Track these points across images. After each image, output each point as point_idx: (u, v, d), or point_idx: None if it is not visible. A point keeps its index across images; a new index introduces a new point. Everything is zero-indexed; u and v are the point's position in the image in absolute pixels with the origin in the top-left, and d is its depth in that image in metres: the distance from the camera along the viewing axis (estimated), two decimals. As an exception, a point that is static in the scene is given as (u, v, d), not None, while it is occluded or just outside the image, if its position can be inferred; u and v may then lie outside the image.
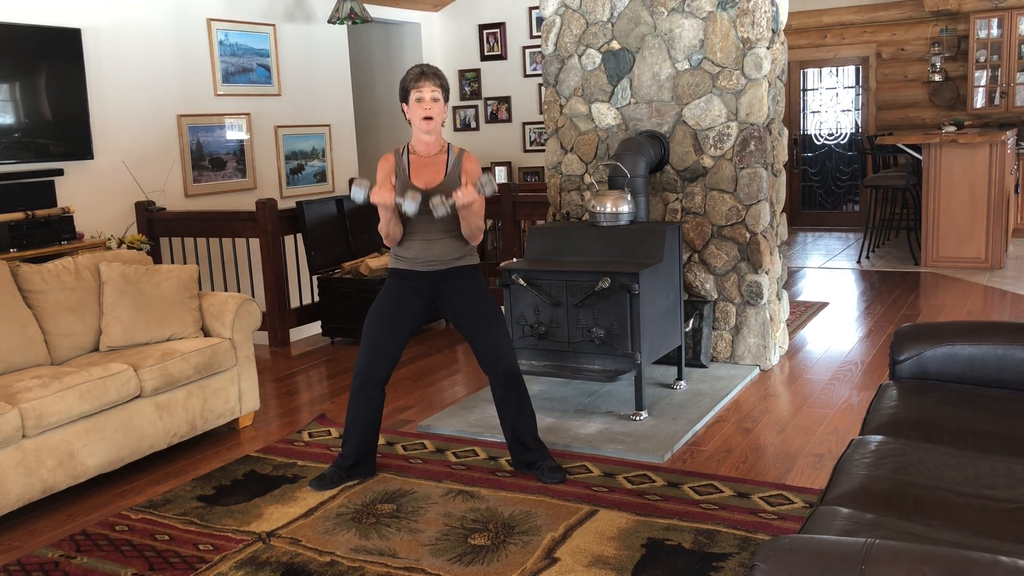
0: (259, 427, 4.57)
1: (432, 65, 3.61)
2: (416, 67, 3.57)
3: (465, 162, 3.63)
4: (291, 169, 7.81)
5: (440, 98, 3.55)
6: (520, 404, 3.68)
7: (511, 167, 9.58)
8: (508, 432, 3.72)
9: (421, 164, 3.62)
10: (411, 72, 3.55)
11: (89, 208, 6.07)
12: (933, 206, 7.89)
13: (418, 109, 3.52)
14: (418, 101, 3.52)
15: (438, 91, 3.54)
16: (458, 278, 3.67)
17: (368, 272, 6.18)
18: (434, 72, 3.55)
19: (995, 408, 2.74)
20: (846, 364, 5.16)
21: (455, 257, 3.66)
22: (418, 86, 3.51)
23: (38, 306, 4.13)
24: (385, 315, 3.66)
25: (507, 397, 3.66)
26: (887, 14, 9.99)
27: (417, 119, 3.55)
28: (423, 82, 3.51)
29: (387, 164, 3.63)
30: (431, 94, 3.52)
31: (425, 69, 3.54)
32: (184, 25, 6.81)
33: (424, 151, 3.63)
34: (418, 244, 3.64)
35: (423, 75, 3.52)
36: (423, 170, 3.61)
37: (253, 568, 3.05)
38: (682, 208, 5.09)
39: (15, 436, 3.44)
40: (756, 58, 4.79)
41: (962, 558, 1.45)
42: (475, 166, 3.64)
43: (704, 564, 2.92)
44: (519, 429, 3.69)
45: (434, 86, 3.52)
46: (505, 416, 3.70)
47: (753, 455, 3.88)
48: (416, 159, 3.63)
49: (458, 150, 3.67)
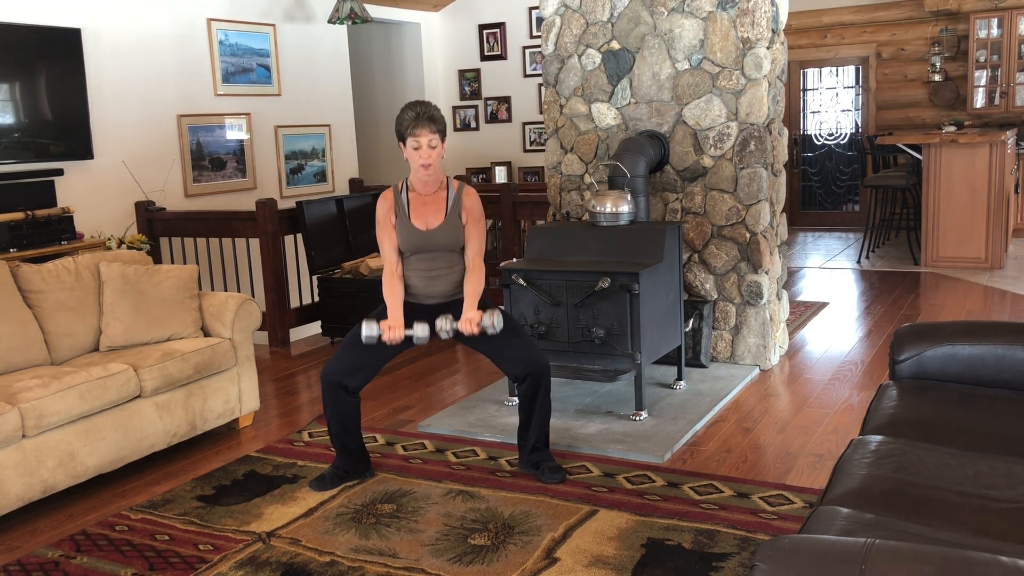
0: (259, 427, 4.57)
1: (426, 105, 3.48)
2: (411, 109, 3.46)
3: (465, 199, 3.59)
4: (291, 169, 7.81)
5: (438, 143, 3.47)
6: (544, 403, 3.66)
7: (511, 167, 9.58)
8: (524, 428, 3.70)
9: (421, 203, 3.58)
10: (406, 115, 3.45)
11: (89, 208, 6.07)
12: (933, 206, 7.89)
13: (416, 156, 3.46)
14: (415, 149, 3.45)
15: (435, 136, 3.46)
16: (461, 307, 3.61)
17: (368, 272, 6.18)
18: (430, 117, 3.44)
19: (995, 408, 2.74)
20: (846, 364, 5.16)
21: (457, 291, 3.65)
22: (415, 133, 3.43)
23: (38, 306, 4.13)
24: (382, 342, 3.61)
25: (535, 396, 3.62)
26: (887, 14, 9.99)
27: (415, 165, 3.50)
28: (420, 129, 3.42)
29: (386, 203, 3.59)
30: (428, 141, 3.44)
31: (420, 112, 3.44)
32: (184, 25, 6.81)
33: (423, 189, 3.59)
34: (419, 279, 3.62)
35: (418, 120, 3.42)
36: (423, 208, 3.58)
37: (253, 568, 3.05)
38: (682, 208, 5.10)
39: (15, 436, 3.44)
40: (756, 58, 4.79)
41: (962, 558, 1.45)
42: (474, 202, 3.60)
43: (704, 564, 2.92)
44: (537, 427, 3.67)
45: (431, 132, 3.44)
46: (527, 412, 3.65)
47: (753, 455, 3.88)
48: (415, 197, 3.59)
49: (457, 185, 3.62)
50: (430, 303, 3.64)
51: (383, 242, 3.60)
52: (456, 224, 3.56)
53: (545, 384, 3.62)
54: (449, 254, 3.59)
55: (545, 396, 3.64)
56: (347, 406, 3.61)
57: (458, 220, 3.57)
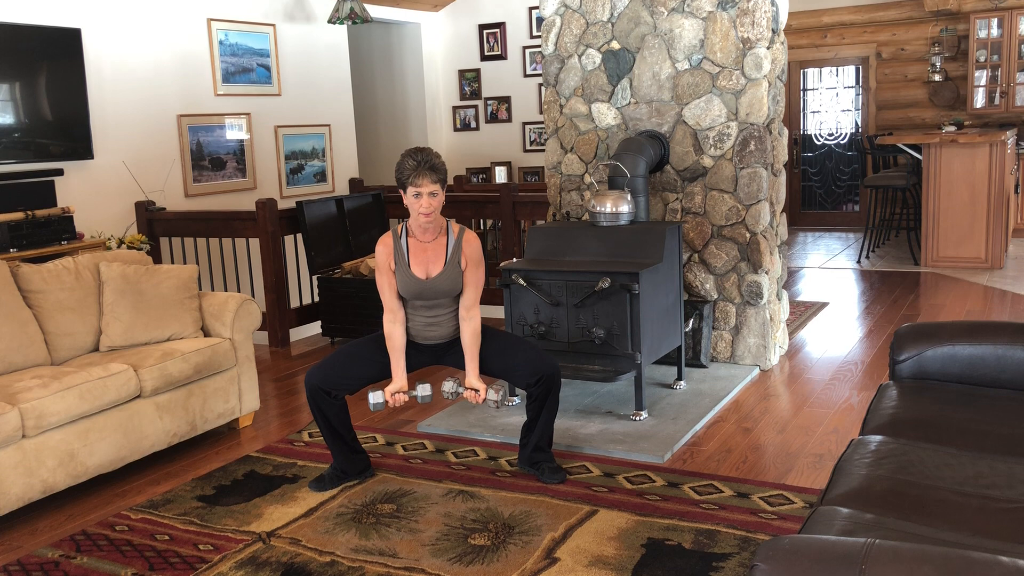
0: (259, 427, 4.56)
1: (427, 152, 3.45)
2: (411, 157, 3.43)
3: (465, 246, 3.57)
4: (291, 169, 7.81)
5: (438, 192, 3.45)
6: (553, 405, 3.67)
7: (511, 167, 9.58)
8: (528, 430, 3.71)
9: (420, 249, 3.57)
10: (407, 163, 3.42)
11: (89, 208, 6.07)
12: (933, 206, 7.89)
13: (416, 204, 3.45)
14: (416, 197, 3.44)
15: (436, 186, 3.43)
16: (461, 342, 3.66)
17: (368, 272, 6.18)
18: (431, 166, 3.41)
19: (995, 408, 2.74)
20: (846, 364, 5.16)
21: (457, 333, 3.66)
22: (416, 182, 3.41)
23: (38, 306, 4.13)
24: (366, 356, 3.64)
25: (547, 398, 3.63)
26: (887, 14, 9.99)
27: (415, 213, 3.48)
28: (421, 179, 3.40)
29: (386, 249, 3.57)
30: (429, 190, 3.43)
31: (421, 161, 3.41)
32: (184, 25, 6.81)
33: (423, 236, 3.57)
34: (420, 322, 3.63)
35: (419, 169, 3.40)
36: (422, 256, 3.57)
37: (253, 568, 3.05)
38: (682, 208, 5.10)
39: (15, 436, 3.44)
40: (756, 58, 4.79)
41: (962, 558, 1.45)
42: (474, 249, 3.59)
43: (704, 564, 2.92)
44: (542, 427, 3.68)
45: (432, 182, 3.41)
46: (534, 413, 3.66)
47: (753, 455, 3.88)
48: (415, 243, 3.57)
49: (458, 229, 3.60)
50: (430, 343, 3.67)
51: (383, 288, 3.58)
52: (455, 272, 3.56)
53: (557, 385, 3.63)
54: (449, 300, 3.61)
55: (555, 397, 3.65)
56: (331, 407, 3.61)
57: (457, 267, 3.56)
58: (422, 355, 3.70)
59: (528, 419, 3.71)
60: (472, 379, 3.60)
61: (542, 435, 3.70)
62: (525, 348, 3.68)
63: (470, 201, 6.76)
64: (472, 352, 3.59)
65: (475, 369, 3.60)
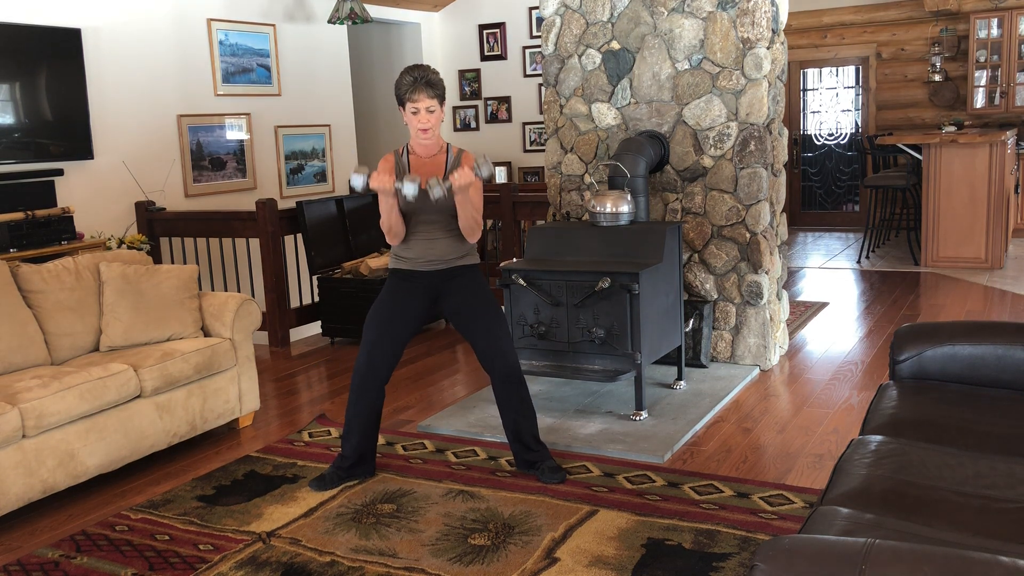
0: (259, 427, 4.56)
1: (425, 69, 3.50)
2: (409, 73, 3.48)
3: (464, 162, 3.62)
4: (291, 169, 7.81)
5: (436, 108, 3.50)
6: (521, 404, 3.68)
7: (511, 167, 9.58)
8: (509, 432, 3.73)
9: (420, 164, 3.63)
10: (404, 79, 3.48)
11: (89, 208, 6.07)
12: (933, 206, 7.89)
13: (414, 121, 3.50)
14: (414, 113, 3.48)
15: (434, 102, 3.49)
16: (459, 278, 3.68)
17: (368, 272, 6.18)
18: (427, 81, 3.46)
19: (995, 408, 2.74)
20: (846, 364, 5.16)
21: (456, 256, 3.67)
22: (413, 97, 3.46)
23: (38, 306, 4.13)
24: (385, 315, 3.67)
25: (508, 396, 3.66)
26: (887, 14, 9.99)
27: (414, 129, 3.54)
28: (418, 94, 3.45)
29: (387, 163, 3.63)
30: (426, 105, 3.47)
31: (418, 77, 3.46)
32: (184, 25, 6.81)
33: (423, 152, 3.64)
34: (419, 244, 3.64)
35: (416, 85, 3.45)
36: (422, 170, 3.62)
37: (253, 568, 3.05)
38: (682, 208, 5.09)
39: (15, 436, 3.44)
40: (756, 58, 4.79)
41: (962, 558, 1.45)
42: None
43: (704, 564, 2.92)
44: (520, 429, 3.70)
45: (429, 97, 3.46)
46: (506, 416, 3.70)
47: (753, 455, 3.88)
48: (416, 159, 3.65)
49: (457, 150, 3.67)
50: (430, 268, 3.66)
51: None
52: None
53: (514, 381, 3.65)
54: (448, 217, 3.60)
55: (520, 395, 3.67)
56: (378, 396, 3.66)
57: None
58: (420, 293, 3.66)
59: (504, 426, 3.74)
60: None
61: (528, 436, 3.71)
62: (501, 332, 3.67)
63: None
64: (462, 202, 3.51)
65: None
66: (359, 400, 3.67)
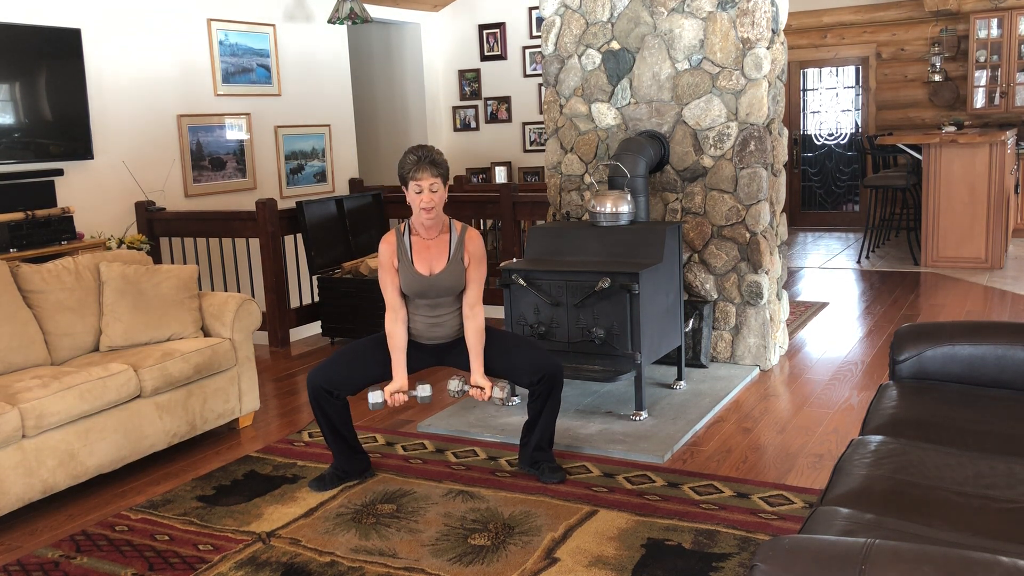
0: (259, 427, 4.56)
1: (428, 149, 3.49)
2: (413, 153, 3.47)
3: (467, 242, 3.59)
4: (291, 169, 7.81)
5: (439, 187, 3.48)
6: (555, 405, 3.67)
7: (511, 167, 9.58)
8: (529, 430, 3.71)
9: (423, 247, 3.59)
10: (408, 159, 3.46)
11: (89, 208, 6.07)
12: (933, 206, 7.89)
13: (417, 200, 3.48)
14: (417, 193, 3.46)
15: (437, 181, 3.46)
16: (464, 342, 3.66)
17: (368, 272, 6.18)
18: (431, 161, 3.45)
19: (995, 408, 2.74)
20: (846, 364, 5.16)
21: (460, 332, 3.67)
22: (416, 178, 3.44)
23: (38, 306, 4.13)
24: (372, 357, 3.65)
25: (550, 397, 3.64)
26: (887, 14, 9.99)
27: (416, 209, 3.51)
28: (421, 174, 3.43)
29: (389, 247, 3.59)
30: (430, 185, 3.45)
31: (422, 156, 3.45)
32: (184, 25, 6.81)
33: (426, 233, 3.60)
34: (423, 323, 3.64)
35: (420, 165, 3.43)
36: (425, 253, 3.58)
37: (253, 568, 3.05)
38: (682, 208, 5.09)
39: (15, 436, 3.44)
40: (756, 58, 4.79)
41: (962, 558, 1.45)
42: (477, 245, 3.61)
43: (704, 564, 2.92)
44: (544, 428, 3.68)
45: (433, 177, 3.45)
46: (537, 414, 3.67)
47: (753, 455, 3.88)
48: (418, 241, 3.60)
49: (460, 227, 3.63)
50: (433, 343, 3.68)
51: (386, 286, 3.59)
52: (459, 269, 3.57)
53: (559, 384, 3.64)
54: (452, 298, 3.61)
55: (557, 395, 3.66)
56: (333, 407, 3.62)
57: (460, 264, 3.58)
58: (424, 355, 3.71)
59: (529, 419, 3.72)
60: (477, 377, 3.60)
61: (543, 434, 3.70)
62: (527, 346, 3.69)
63: (470, 201, 6.76)
64: (477, 349, 3.59)
65: (480, 367, 3.60)
66: (320, 409, 3.62)
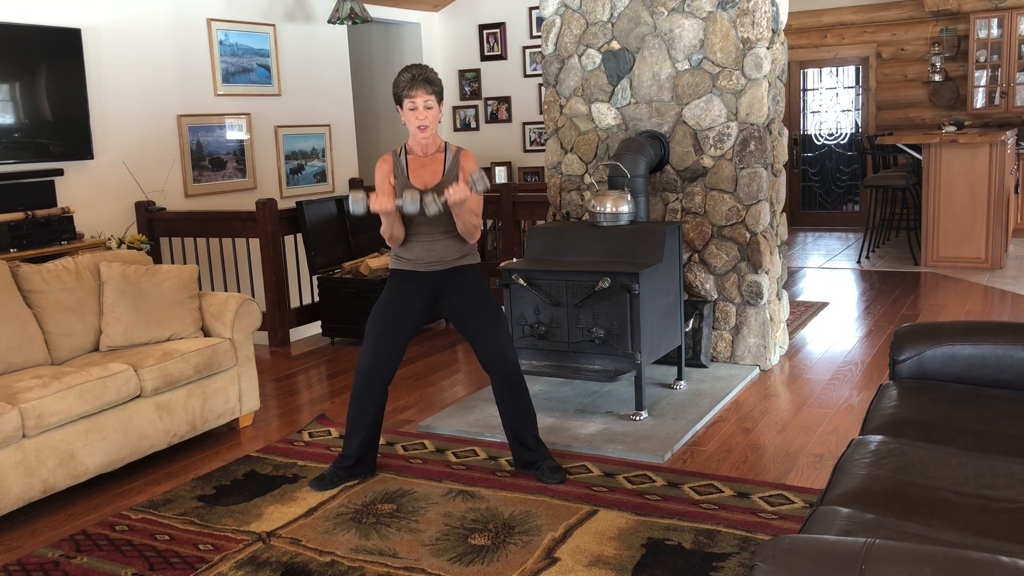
0: (259, 427, 4.56)
1: (423, 67, 3.52)
2: (407, 71, 3.50)
3: (463, 160, 3.62)
4: (291, 169, 7.81)
5: (434, 105, 3.51)
6: (521, 404, 3.68)
7: (511, 167, 9.58)
8: (509, 432, 3.73)
9: (419, 164, 3.63)
10: (403, 77, 3.49)
11: (89, 208, 6.07)
12: (933, 206, 7.89)
13: (412, 118, 3.51)
14: (411, 110, 3.49)
15: (431, 98, 3.49)
16: (459, 277, 3.67)
17: (368, 272, 6.18)
18: (425, 78, 3.48)
19: (995, 408, 2.74)
20: (846, 364, 5.16)
21: (456, 257, 3.67)
22: (411, 95, 3.47)
23: (38, 306, 4.13)
24: (387, 315, 3.67)
25: (508, 396, 3.66)
26: (887, 14, 9.99)
27: (412, 127, 3.54)
28: (415, 91, 3.46)
29: (385, 165, 3.63)
30: (424, 102, 3.48)
31: (416, 74, 3.47)
32: (184, 25, 6.81)
33: (421, 152, 3.63)
34: (419, 245, 3.64)
35: (415, 82, 3.46)
36: (421, 170, 3.62)
37: (253, 568, 3.05)
38: (682, 208, 5.09)
39: (15, 436, 3.44)
40: (756, 58, 4.79)
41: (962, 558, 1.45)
42: (472, 164, 3.63)
43: (704, 564, 2.92)
44: (519, 429, 3.70)
45: (427, 94, 3.47)
46: (506, 415, 3.70)
47: (753, 455, 3.88)
48: (414, 159, 3.64)
49: (455, 148, 3.66)
50: (430, 269, 3.66)
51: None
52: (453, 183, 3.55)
53: (514, 381, 3.65)
54: (447, 220, 3.60)
55: (520, 395, 3.67)
56: (381, 396, 3.65)
57: (455, 180, 3.57)
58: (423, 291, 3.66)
59: (504, 426, 3.75)
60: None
61: (528, 435, 3.71)
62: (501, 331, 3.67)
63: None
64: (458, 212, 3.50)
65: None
66: (363, 400, 3.66)
